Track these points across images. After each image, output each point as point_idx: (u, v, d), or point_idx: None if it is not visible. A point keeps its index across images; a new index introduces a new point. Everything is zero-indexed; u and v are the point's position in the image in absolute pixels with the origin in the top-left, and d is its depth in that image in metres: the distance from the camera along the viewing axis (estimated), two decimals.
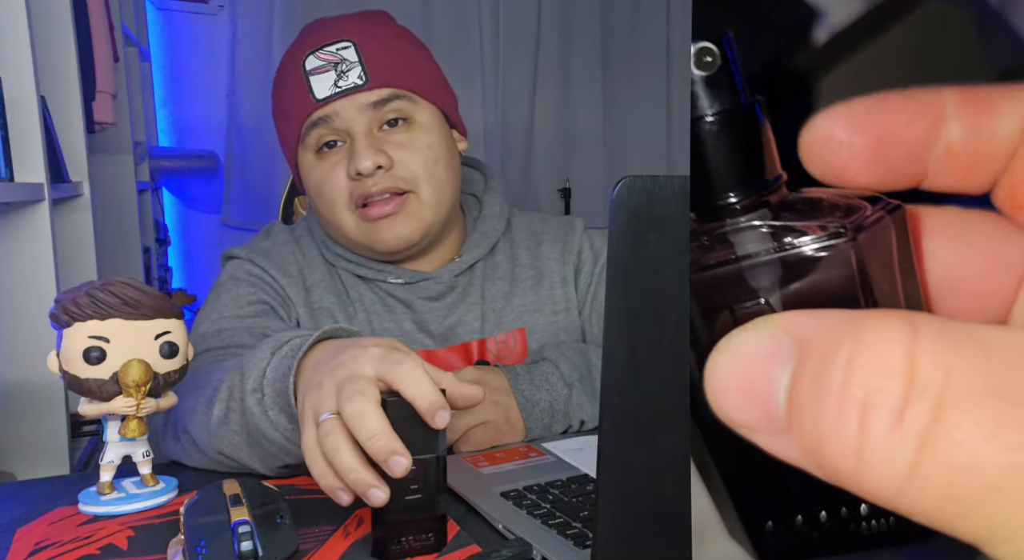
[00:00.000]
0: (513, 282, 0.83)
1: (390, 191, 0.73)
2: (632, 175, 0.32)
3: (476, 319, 0.80)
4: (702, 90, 0.21)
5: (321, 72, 0.73)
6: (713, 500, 0.25)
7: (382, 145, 0.73)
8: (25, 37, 1.11)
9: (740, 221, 0.22)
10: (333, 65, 0.73)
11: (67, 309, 0.53)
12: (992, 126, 0.20)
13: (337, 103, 0.73)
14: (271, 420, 0.55)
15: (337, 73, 0.73)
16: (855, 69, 0.31)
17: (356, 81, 0.73)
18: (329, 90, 0.73)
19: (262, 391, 0.55)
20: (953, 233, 0.22)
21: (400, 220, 0.74)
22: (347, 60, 0.73)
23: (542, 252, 0.85)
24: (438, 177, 0.75)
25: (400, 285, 0.79)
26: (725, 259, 0.21)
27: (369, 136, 0.73)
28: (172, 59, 2.61)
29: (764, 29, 0.33)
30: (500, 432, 0.67)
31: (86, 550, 0.49)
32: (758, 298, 0.21)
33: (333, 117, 0.73)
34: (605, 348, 0.33)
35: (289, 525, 0.46)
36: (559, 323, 0.83)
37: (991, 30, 0.31)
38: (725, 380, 0.15)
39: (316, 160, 0.75)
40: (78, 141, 1.42)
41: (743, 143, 0.21)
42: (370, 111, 0.73)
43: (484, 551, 0.47)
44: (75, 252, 1.43)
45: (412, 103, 0.75)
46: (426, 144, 0.75)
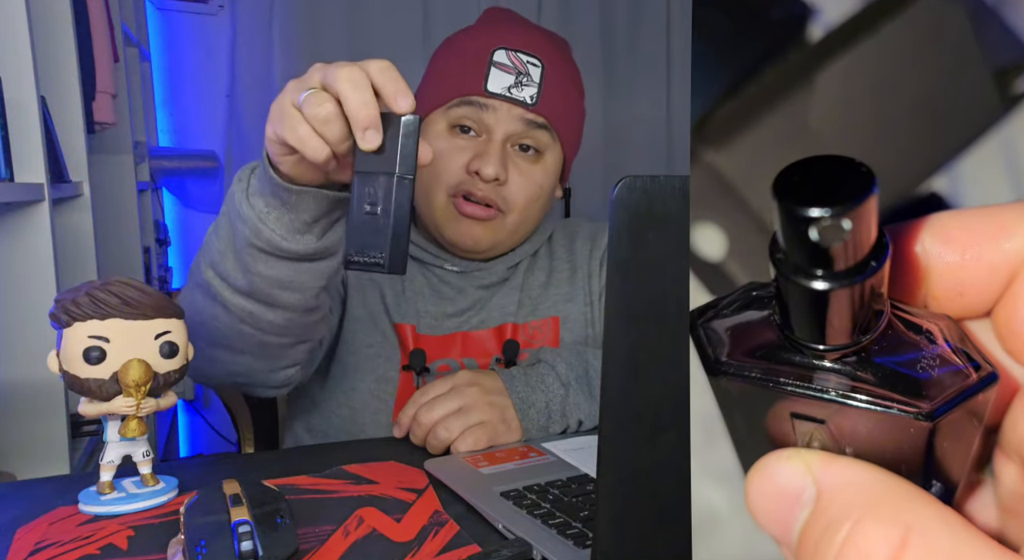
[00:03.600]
0: (551, 273, 0.88)
1: (488, 201, 0.78)
2: (632, 175, 0.32)
3: (513, 304, 0.85)
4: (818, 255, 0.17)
5: (504, 70, 0.78)
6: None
7: (508, 161, 0.78)
8: (25, 37, 1.11)
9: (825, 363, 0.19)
10: (517, 72, 0.78)
11: (67, 309, 0.53)
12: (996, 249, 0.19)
13: (499, 101, 0.77)
14: (249, 203, 0.61)
15: (516, 81, 0.78)
16: (850, 66, 0.31)
17: (527, 99, 0.78)
18: (501, 89, 0.77)
19: (248, 181, 0.62)
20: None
21: (482, 228, 0.80)
22: (530, 76, 0.78)
23: (576, 248, 0.91)
24: (531, 213, 0.82)
25: (455, 273, 0.84)
26: (800, 383, 0.19)
27: (503, 147, 0.78)
28: (172, 59, 2.61)
29: (759, 25, 0.33)
30: (496, 432, 0.67)
31: (86, 550, 0.49)
32: (820, 420, 0.19)
33: (487, 109, 0.77)
34: (605, 348, 0.33)
35: (289, 525, 0.46)
36: (589, 315, 0.87)
37: (987, 27, 0.31)
38: (758, 498, 0.17)
39: (447, 133, 0.79)
40: (78, 141, 1.42)
41: (860, 308, 0.18)
42: (520, 125, 0.78)
43: (484, 551, 0.47)
44: (75, 252, 1.43)
45: (552, 140, 0.81)
46: (539, 182, 0.81)
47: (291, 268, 0.62)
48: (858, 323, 0.18)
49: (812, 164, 0.17)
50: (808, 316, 0.18)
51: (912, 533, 0.15)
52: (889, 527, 0.15)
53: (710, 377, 0.20)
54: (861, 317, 0.18)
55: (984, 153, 0.31)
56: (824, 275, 0.17)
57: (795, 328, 0.18)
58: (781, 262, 0.18)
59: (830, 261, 0.17)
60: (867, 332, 0.18)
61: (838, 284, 0.17)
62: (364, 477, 0.60)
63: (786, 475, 0.17)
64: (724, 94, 0.33)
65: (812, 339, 0.18)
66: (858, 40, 0.31)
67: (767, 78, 0.32)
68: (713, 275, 0.35)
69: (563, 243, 0.91)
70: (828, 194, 0.16)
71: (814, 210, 0.16)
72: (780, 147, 0.32)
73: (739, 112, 0.32)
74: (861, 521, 0.15)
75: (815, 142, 0.31)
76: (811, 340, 0.18)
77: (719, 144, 0.33)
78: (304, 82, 0.55)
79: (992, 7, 0.31)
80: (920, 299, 0.20)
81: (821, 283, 0.17)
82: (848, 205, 0.16)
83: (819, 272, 0.17)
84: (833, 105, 0.31)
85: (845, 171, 0.17)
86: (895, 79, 0.31)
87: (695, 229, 0.34)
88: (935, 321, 0.19)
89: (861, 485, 0.16)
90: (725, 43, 0.32)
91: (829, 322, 0.18)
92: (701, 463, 0.28)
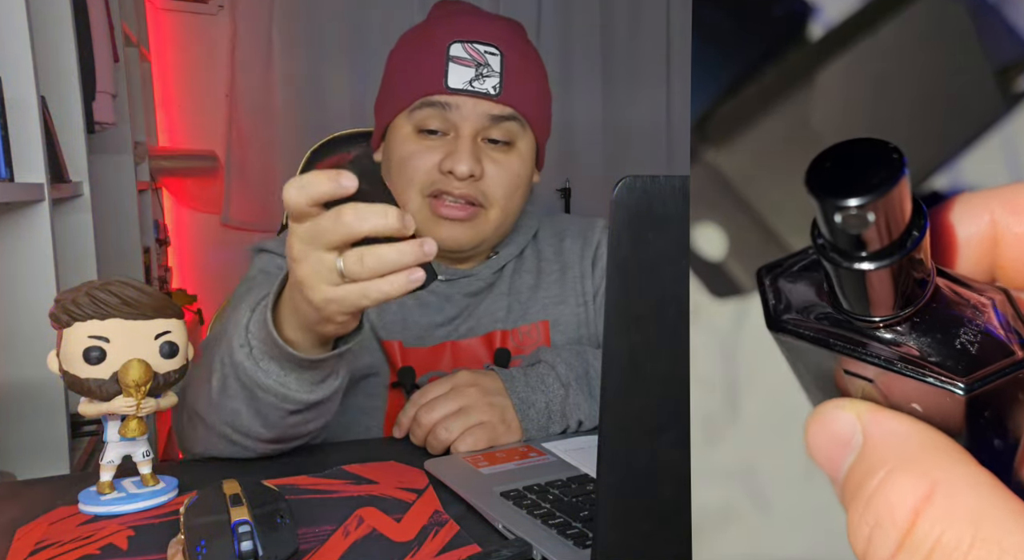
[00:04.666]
0: (539, 275, 0.86)
1: (468, 199, 0.76)
2: (632, 175, 0.32)
3: (502, 309, 0.83)
4: (852, 240, 0.18)
5: (462, 63, 0.75)
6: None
7: (481, 155, 0.76)
8: (25, 37, 1.11)
9: (871, 330, 0.20)
10: (476, 64, 0.75)
11: (67, 309, 0.53)
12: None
13: (462, 98, 0.75)
14: (263, 369, 0.58)
15: (476, 73, 0.75)
16: (851, 64, 0.31)
17: (490, 90, 0.75)
18: (463, 85, 0.75)
19: (249, 345, 0.58)
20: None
21: (463, 228, 0.77)
22: (490, 66, 0.75)
23: (565, 247, 0.88)
24: (512, 204, 0.79)
25: (440, 281, 0.82)
26: (848, 346, 0.20)
27: (474, 142, 0.75)
28: (172, 59, 2.61)
29: (760, 23, 0.33)
30: (496, 433, 0.67)
31: (86, 550, 0.49)
32: (868, 379, 0.20)
33: (452, 108, 0.75)
34: (605, 348, 0.33)
35: (289, 525, 0.46)
36: (582, 316, 0.85)
37: (988, 25, 0.31)
38: (815, 440, 0.19)
39: (414, 135, 0.77)
40: (78, 141, 1.42)
41: (900, 283, 0.19)
42: (487, 120, 0.76)
43: (484, 551, 0.47)
44: (75, 252, 1.43)
45: (522, 128, 0.78)
46: (516, 172, 0.78)
47: (317, 410, 0.62)
48: (900, 296, 0.19)
49: (843, 150, 0.18)
50: (851, 292, 0.19)
51: (938, 488, 0.16)
52: (917, 480, 0.16)
53: (771, 331, 0.21)
54: (902, 291, 0.19)
55: (985, 151, 0.31)
56: (861, 256, 0.18)
57: (841, 301, 0.20)
58: (821, 246, 0.19)
59: (864, 244, 0.18)
60: (909, 304, 0.19)
61: (875, 264, 0.18)
62: (364, 477, 0.60)
63: (839, 422, 0.19)
64: (724, 93, 0.33)
65: (856, 311, 0.20)
66: (858, 39, 0.31)
67: (767, 77, 0.32)
68: (714, 275, 0.35)
69: (550, 242, 0.89)
70: (854, 183, 0.17)
71: (839, 201, 0.17)
72: (781, 146, 0.32)
73: (739, 111, 0.32)
74: (893, 471, 0.17)
75: (816, 141, 0.31)
76: (856, 312, 0.20)
77: (719, 143, 0.33)
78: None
79: (993, 5, 0.31)
80: (987, 271, 0.21)
81: (859, 264, 0.18)
82: (873, 195, 0.17)
83: (857, 253, 0.18)
84: (834, 104, 0.31)
85: (874, 156, 0.17)
86: (896, 78, 0.31)
87: (695, 229, 0.34)
88: (989, 294, 0.19)
89: (900, 437, 0.18)
90: (725, 42, 0.32)
91: (870, 298, 0.19)
92: (701, 463, 0.28)
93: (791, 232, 0.32)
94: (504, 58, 0.76)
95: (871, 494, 0.17)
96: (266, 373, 0.58)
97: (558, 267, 0.87)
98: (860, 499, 0.17)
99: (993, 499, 0.16)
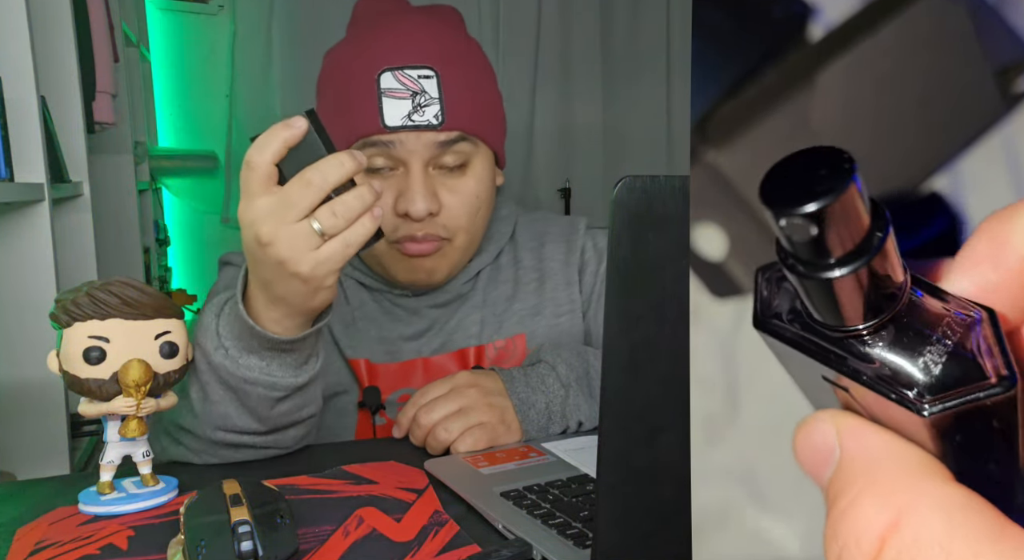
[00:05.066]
0: (516, 285, 0.82)
1: (431, 237, 0.73)
2: (632, 175, 0.32)
3: (475, 324, 0.80)
4: (811, 246, 0.18)
5: (396, 96, 0.69)
6: None
7: (435, 187, 0.72)
8: (25, 37, 1.11)
9: (846, 342, 0.20)
10: (412, 94, 0.69)
11: (67, 309, 0.53)
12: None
13: (404, 134, 0.70)
14: (243, 365, 0.59)
15: (414, 105, 0.69)
16: (851, 65, 0.31)
17: (432, 120, 0.69)
18: (401, 120, 0.69)
19: (223, 347, 0.59)
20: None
21: (432, 260, 0.74)
22: (427, 93, 0.69)
23: (545, 253, 0.84)
24: (476, 225, 0.76)
25: (408, 296, 0.79)
26: (820, 353, 0.20)
27: (425, 175, 0.71)
28: (172, 59, 2.61)
29: (760, 24, 0.33)
30: (496, 434, 0.67)
31: (86, 550, 0.49)
32: (843, 388, 0.20)
33: (396, 145, 0.70)
34: (605, 348, 0.33)
35: (289, 525, 0.46)
36: (561, 326, 0.82)
37: (988, 26, 0.31)
38: (801, 450, 0.19)
39: (361, 178, 0.74)
40: (78, 141, 1.42)
41: (875, 285, 0.18)
42: (435, 149, 0.71)
43: (484, 551, 0.47)
44: (75, 252, 1.43)
45: (474, 146, 0.73)
46: (475, 193, 0.74)
47: (303, 395, 0.63)
48: (866, 307, 0.19)
49: (798, 159, 0.18)
50: (816, 302, 0.19)
51: (904, 515, 0.16)
52: (883, 507, 0.16)
53: (756, 330, 0.21)
54: (868, 302, 0.18)
55: (985, 152, 0.31)
56: (820, 265, 0.18)
57: (810, 310, 0.20)
58: (782, 256, 0.19)
59: (820, 253, 0.18)
60: (876, 315, 0.19)
61: (832, 273, 0.18)
62: (364, 477, 0.60)
63: (820, 434, 0.19)
64: (724, 94, 0.33)
65: (825, 321, 0.19)
66: (859, 40, 0.31)
67: (767, 77, 0.32)
68: (714, 275, 0.35)
69: (530, 247, 0.84)
70: (800, 192, 0.17)
71: (781, 211, 0.17)
72: (781, 146, 0.32)
73: (739, 112, 0.32)
74: (860, 495, 0.16)
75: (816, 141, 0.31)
76: (824, 322, 0.19)
77: (719, 144, 0.33)
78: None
79: (993, 6, 0.31)
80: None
81: (818, 272, 0.18)
82: (817, 202, 0.17)
83: (816, 262, 0.18)
84: (833, 104, 0.31)
85: (825, 165, 0.17)
86: (896, 78, 0.31)
87: (695, 229, 0.34)
88: (970, 311, 0.19)
89: (873, 454, 0.17)
90: (725, 43, 0.32)
91: (836, 307, 0.19)
92: (701, 463, 0.28)
93: None
94: (441, 79, 0.70)
95: (839, 516, 0.17)
96: (248, 368, 0.59)
97: (536, 276, 0.83)
98: (831, 518, 0.17)
99: (965, 520, 0.15)
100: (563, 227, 0.86)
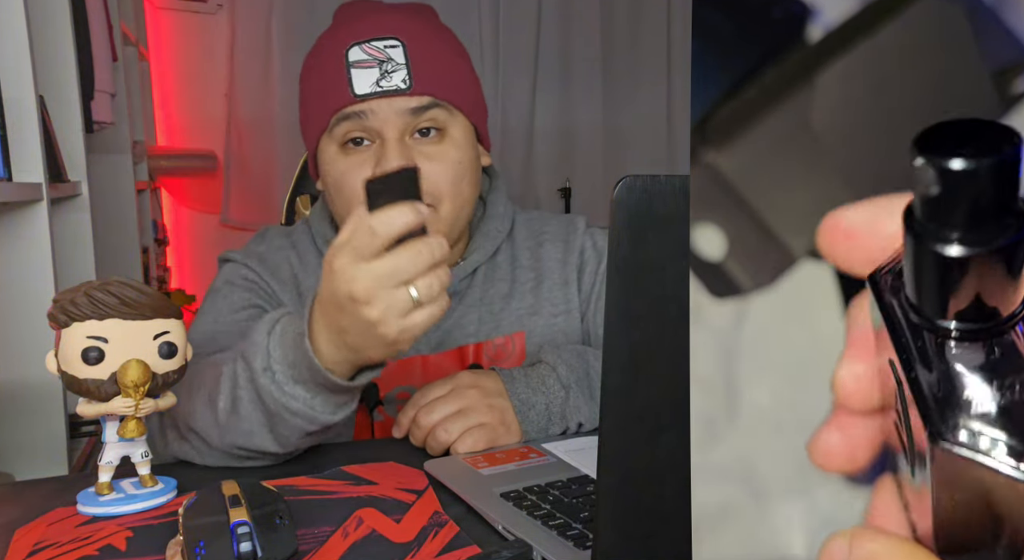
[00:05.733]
0: (513, 284, 0.82)
1: None
2: (632, 175, 0.32)
3: (473, 322, 0.80)
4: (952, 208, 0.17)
5: (364, 66, 0.71)
6: None
7: (412, 154, 0.71)
8: (24, 37, 1.11)
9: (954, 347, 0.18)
10: (378, 62, 0.71)
11: (65, 309, 0.53)
12: None
13: (375, 102, 0.71)
14: (288, 394, 0.58)
15: (381, 72, 0.70)
16: (849, 66, 0.31)
17: (400, 84, 0.70)
18: (370, 88, 0.70)
19: (271, 369, 0.58)
20: None
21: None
22: (394, 60, 0.71)
23: (543, 253, 0.84)
24: (462, 194, 0.75)
25: None
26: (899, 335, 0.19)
27: (401, 143, 0.71)
28: (171, 58, 2.61)
29: (760, 25, 0.33)
30: (496, 434, 0.66)
31: (85, 551, 0.49)
32: (898, 380, 0.19)
33: (368, 114, 0.71)
34: (605, 348, 0.33)
35: (288, 526, 0.46)
36: (558, 326, 0.81)
37: (986, 27, 0.31)
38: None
39: (340, 153, 0.73)
40: (77, 141, 1.42)
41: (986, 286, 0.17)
42: (407, 116, 0.71)
43: (484, 552, 0.47)
44: (73, 252, 1.43)
45: (449, 114, 0.73)
46: (456, 159, 0.73)
47: (333, 429, 0.63)
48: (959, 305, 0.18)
49: (957, 124, 0.17)
50: (915, 276, 0.18)
51: None
52: None
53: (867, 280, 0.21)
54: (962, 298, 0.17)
55: None
56: (951, 237, 0.17)
57: (912, 289, 0.19)
58: (906, 217, 0.18)
59: (961, 222, 0.17)
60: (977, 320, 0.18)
61: (960, 250, 0.17)
62: (363, 478, 0.60)
63: (835, 547, 0.23)
64: (724, 94, 0.33)
65: (917, 301, 0.19)
66: (857, 40, 0.31)
67: (767, 78, 0.32)
68: (713, 275, 0.35)
69: (528, 245, 0.84)
70: (975, 146, 0.16)
71: (961, 161, 0.16)
72: (780, 147, 0.32)
73: (739, 112, 0.32)
74: None
75: (815, 142, 0.31)
76: (916, 303, 0.19)
77: (719, 144, 0.33)
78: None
79: (991, 7, 0.31)
80: None
81: (946, 246, 0.17)
82: (997, 155, 0.16)
83: (948, 233, 0.17)
84: (832, 105, 0.31)
85: (994, 133, 0.17)
86: (894, 79, 0.31)
87: (695, 229, 0.34)
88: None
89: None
90: (725, 43, 0.32)
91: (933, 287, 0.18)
92: (701, 461, 0.28)
93: (790, 232, 0.32)
94: (407, 47, 0.71)
95: None
96: (292, 397, 0.58)
97: (534, 275, 0.82)
98: None
99: None
100: (561, 226, 0.86)
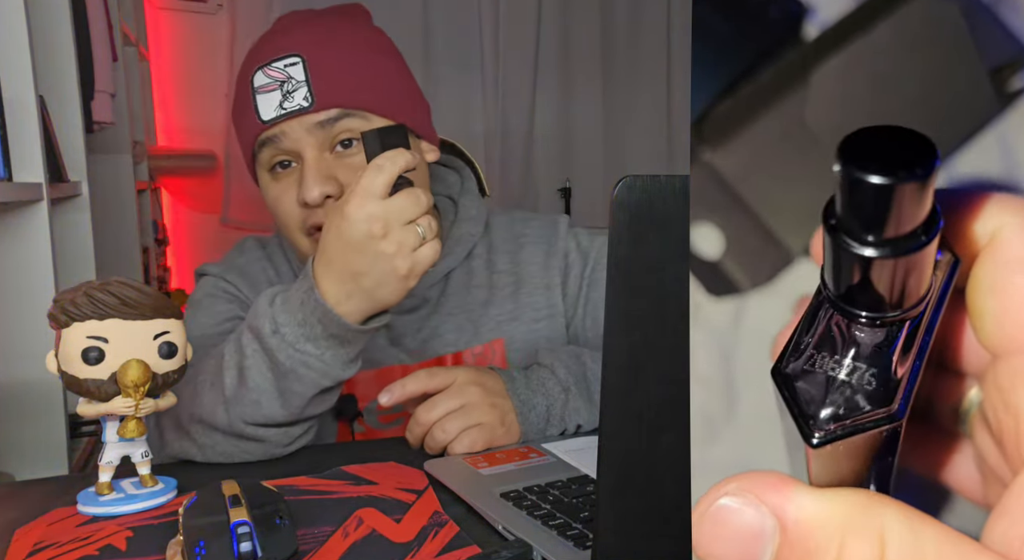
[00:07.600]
0: (491, 289, 0.80)
1: None
2: (632, 175, 0.32)
3: (452, 331, 0.79)
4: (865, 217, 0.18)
5: (267, 91, 0.70)
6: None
7: (333, 170, 0.70)
8: (24, 37, 1.11)
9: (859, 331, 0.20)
10: (279, 84, 0.70)
11: (65, 309, 0.53)
12: None
13: (284, 124, 0.70)
14: (300, 351, 0.62)
15: (283, 93, 0.70)
16: (845, 64, 0.31)
17: (302, 103, 0.69)
18: (275, 112, 0.70)
19: (280, 332, 0.62)
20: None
21: None
22: (293, 78, 0.70)
23: (523, 256, 0.82)
24: None
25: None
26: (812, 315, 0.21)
27: (319, 161, 0.70)
28: (171, 58, 2.61)
29: (757, 25, 0.33)
30: (495, 435, 0.66)
31: (85, 551, 0.49)
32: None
33: (281, 138, 0.71)
34: (605, 348, 0.33)
35: (288, 526, 0.46)
36: (540, 331, 0.80)
37: (982, 24, 0.31)
38: (714, 547, 0.18)
39: (271, 180, 0.74)
40: (77, 141, 1.42)
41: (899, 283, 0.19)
42: (318, 132, 0.70)
43: (484, 552, 0.47)
44: (73, 252, 1.43)
45: (364, 121, 0.71)
46: None
47: (334, 392, 0.66)
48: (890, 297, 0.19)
49: (879, 132, 0.18)
50: (834, 268, 0.19)
51: (887, 542, 0.17)
52: (867, 545, 0.17)
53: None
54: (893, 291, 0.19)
55: (980, 150, 0.31)
56: (866, 241, 0.18)
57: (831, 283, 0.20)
58: (826, 213, 0.19)
59: (873, 228, 0.18)
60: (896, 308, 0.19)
61: (874, 252, 0.18)
62: (363, 478, 0.60)
63: (741, 518, 0.18)
64: (722, 93, 0.33)
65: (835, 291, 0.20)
66: (853, 38, 0.31)
67: (764, 77, 0.32)
68: (711, 274, 0.35)
69: (507, 248, 0.82)
70: (889, 162, 0.17)
71: (870, 176, 0.17)
72: (777, 146, 0.32)
73: (736, 111, 0.32)
74: (846, 542, 0.17)
75: (812, 140, 0.31)
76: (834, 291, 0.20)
77: (716, 143, 0.33)
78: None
79: (987, 5, 0.31)
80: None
81: (861, 249, 0.18)
82: (910, 174, 0.17)
83: (862, 237, 0.18)
84: (829, 103, 0.31)
85: (910, 144, 0.18)
86: (891, 77, 0.31)
87: (693, 228, 0.34)
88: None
89: (832, 514, 0.18)
90: (724, 43, 0.32)
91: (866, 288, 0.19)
92: (701, 460, 0.28)
93: (788, 231, 0.32)
94: (308, 63, 0.70)
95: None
96: (304, 353, 0.62)
97: (512, 280, 0.81)
98: None
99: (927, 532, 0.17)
100: (543, 228, 0.84)
